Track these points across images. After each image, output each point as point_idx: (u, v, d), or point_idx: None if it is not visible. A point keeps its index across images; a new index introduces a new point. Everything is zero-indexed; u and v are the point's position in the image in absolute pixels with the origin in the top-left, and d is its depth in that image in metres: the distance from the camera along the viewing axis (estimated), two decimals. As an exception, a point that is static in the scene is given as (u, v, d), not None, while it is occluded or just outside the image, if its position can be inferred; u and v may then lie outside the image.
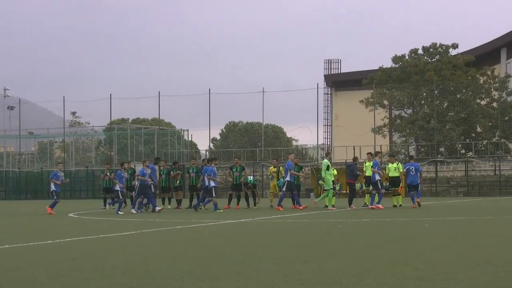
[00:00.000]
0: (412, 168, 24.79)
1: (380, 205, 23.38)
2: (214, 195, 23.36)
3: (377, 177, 23.83)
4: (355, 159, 27.33)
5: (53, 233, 14.08)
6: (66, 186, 60.65)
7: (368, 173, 25.68)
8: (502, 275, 6.65)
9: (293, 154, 27.59)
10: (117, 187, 23.96)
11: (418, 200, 24.56)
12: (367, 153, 27.82)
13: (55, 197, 24.25)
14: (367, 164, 26.01)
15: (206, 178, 23.54)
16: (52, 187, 24.46)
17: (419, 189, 25.15)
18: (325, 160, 24.47)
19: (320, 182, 24.02)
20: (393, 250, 9.36)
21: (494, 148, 56.53)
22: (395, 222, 16.17)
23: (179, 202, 27.68)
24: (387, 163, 28.05)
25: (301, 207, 23.45)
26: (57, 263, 8.35)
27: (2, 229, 16.33)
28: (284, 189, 23.84)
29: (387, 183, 25.57)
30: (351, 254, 9.06)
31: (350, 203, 24.28)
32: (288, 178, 23.63)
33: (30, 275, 7.11)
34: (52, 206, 23.68)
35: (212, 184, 23.29)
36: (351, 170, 24.95)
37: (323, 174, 23.93)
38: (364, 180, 26.24)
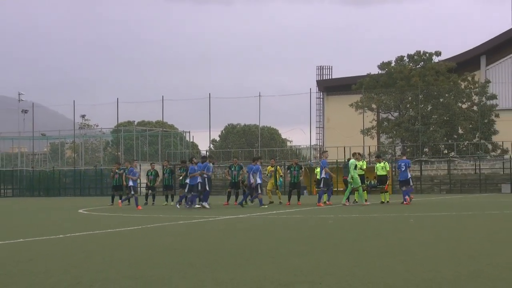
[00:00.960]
0: (403, 164, 24.83)
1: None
2: (259, 191, 23.35)
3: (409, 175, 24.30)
4: (349, 159, 27.34)
5: (64, 228, 14.05)
6: (76, 184, 60.83)
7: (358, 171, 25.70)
8: (483, 268, 6.64)
9: (327, 152, 27.55)
10: (199, 179, 23.31)
11: (412, 196, 24.56)
12: (356, 153, 27.80)
13: (132, 192, 23.98)
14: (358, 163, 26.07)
15: (251, 176, 23.54)
16: (130, 183, 24.13)
17: (411, 184, 25.06)
18: (352, 160, 24.42)
19: (349, 179, 23.94)
20: (381, 244, 9.34)
21: (475, 149, 56.62)
22: (383, 218, 16.15)
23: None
24: (375, 162, 28.02)
25: (328, 203, 23.57)
26: (68, 256, 8.33)
27: (16, 224, 16.30)
28: (321, 185, 23.90)
29: (375, 181, 25.58)
30: (342, 247, 9.04)
31: (348, 199, 24.44)
32: (324, 175, 23.71)
33: (43, 267, 7.08)
34: (123, 200, 23.41)
35: (258, 181, 23.24)
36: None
37: (351, 173, 23.74)
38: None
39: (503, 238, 10.15)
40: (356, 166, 23.88)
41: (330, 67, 78.01)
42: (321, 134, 72.73)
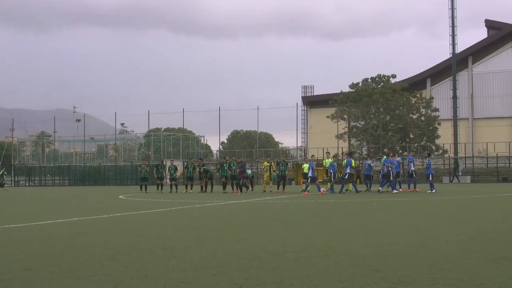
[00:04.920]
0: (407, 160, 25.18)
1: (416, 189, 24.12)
2: (391, 179, 22.72)
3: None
4: (350, 154, 27.07)
5: (107, 209, 14.08)
6: (117, 176, 60.77)
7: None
8: (426, 240, 6.70)
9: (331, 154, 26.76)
10: (348, 170, 22.81)
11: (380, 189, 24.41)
12: (326, 152, 27.69)
13: (308, 181, 23.13)
14: (326, 160, 25.71)
15: (385, 167, 22.87)
16: (310, 173, 23.24)
17: (414, 176, 25.12)
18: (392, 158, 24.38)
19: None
20: (351, 223, 9.39)
21: (422, 149, 56.69)
22: (352, 202, 16.19)
23: (201, 188, 27.72)
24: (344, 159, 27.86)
25: (399, 191, 22.95)
26: (111, 231, 8.37)
27: (72, 207, 16.32)
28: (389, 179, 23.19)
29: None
30: (321, 225, 9.09)
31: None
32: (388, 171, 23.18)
33: (92, 240, 7.13)
34: (306, 189, 22.90)
35: (385, 170, 22.56)
36: (242, 166, 24.31)
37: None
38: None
39: (441, 217, 10.20)
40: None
41: (312, 86, 77.82)
42: (305, 138, 72.64)
